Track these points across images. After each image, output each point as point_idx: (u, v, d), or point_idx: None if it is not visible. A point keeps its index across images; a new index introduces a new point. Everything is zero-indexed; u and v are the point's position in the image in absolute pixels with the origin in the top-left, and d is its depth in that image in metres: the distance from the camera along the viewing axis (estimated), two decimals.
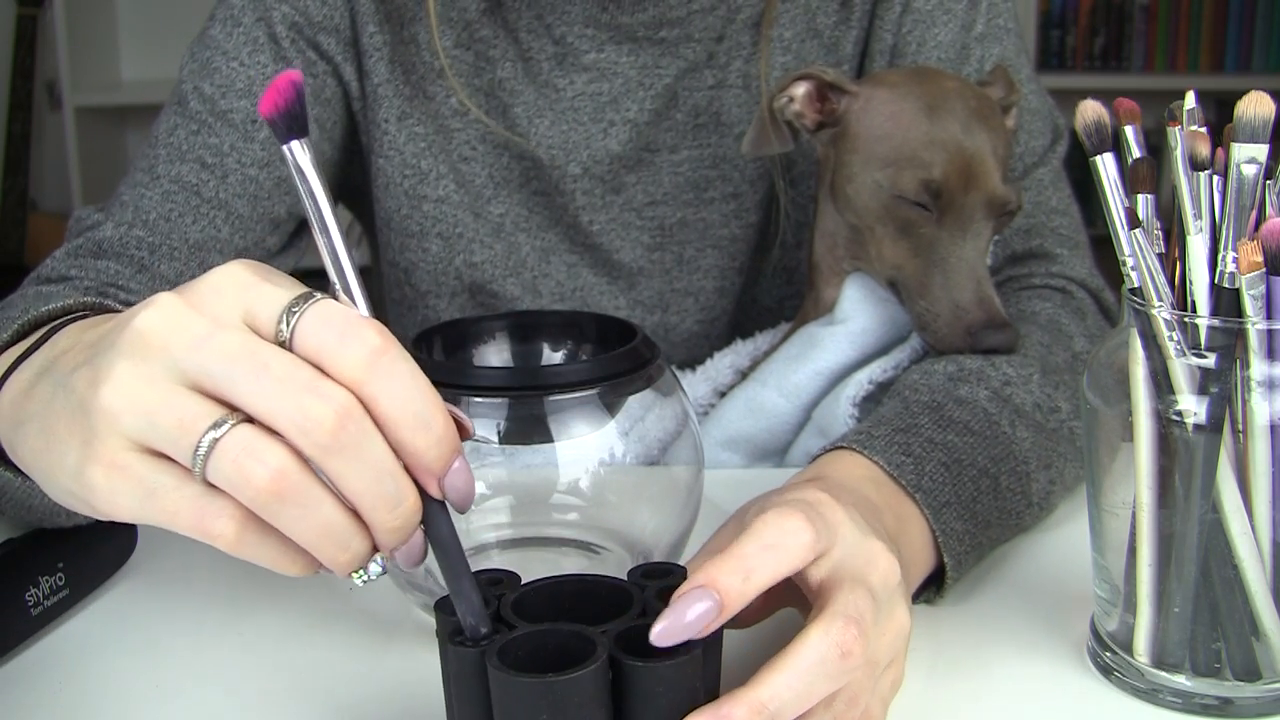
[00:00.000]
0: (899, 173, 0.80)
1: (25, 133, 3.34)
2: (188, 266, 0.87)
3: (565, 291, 0.97)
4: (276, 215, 0.91)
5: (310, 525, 0.46)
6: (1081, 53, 3.53)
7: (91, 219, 0.88)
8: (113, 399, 0.46)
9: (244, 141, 0.89)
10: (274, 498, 0.45)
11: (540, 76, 0.92)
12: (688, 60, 0.93)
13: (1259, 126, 0.55)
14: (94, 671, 0.63)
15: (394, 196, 0.94)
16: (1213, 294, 0.56)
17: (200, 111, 0.89)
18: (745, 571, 0.48)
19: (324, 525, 0.46)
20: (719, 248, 0.97)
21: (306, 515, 0.46)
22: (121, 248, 0.85)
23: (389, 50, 0.92)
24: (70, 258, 0.85)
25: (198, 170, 0.88)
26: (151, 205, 0.87)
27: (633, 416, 0.73)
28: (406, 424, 0.46)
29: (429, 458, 0.46)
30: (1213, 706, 0.58)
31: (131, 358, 0.46)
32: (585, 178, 0.94)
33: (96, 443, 0.47)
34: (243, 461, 0.45)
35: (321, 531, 0.46)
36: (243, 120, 0.89)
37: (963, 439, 0.70)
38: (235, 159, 0.88)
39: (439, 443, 0.46)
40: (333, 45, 0.91)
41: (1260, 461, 0.55)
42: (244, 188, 0.89)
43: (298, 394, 0.45)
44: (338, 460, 0.45)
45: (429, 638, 0.65)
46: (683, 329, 0.99)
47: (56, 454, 0.49)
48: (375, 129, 0.93)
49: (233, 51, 0.89)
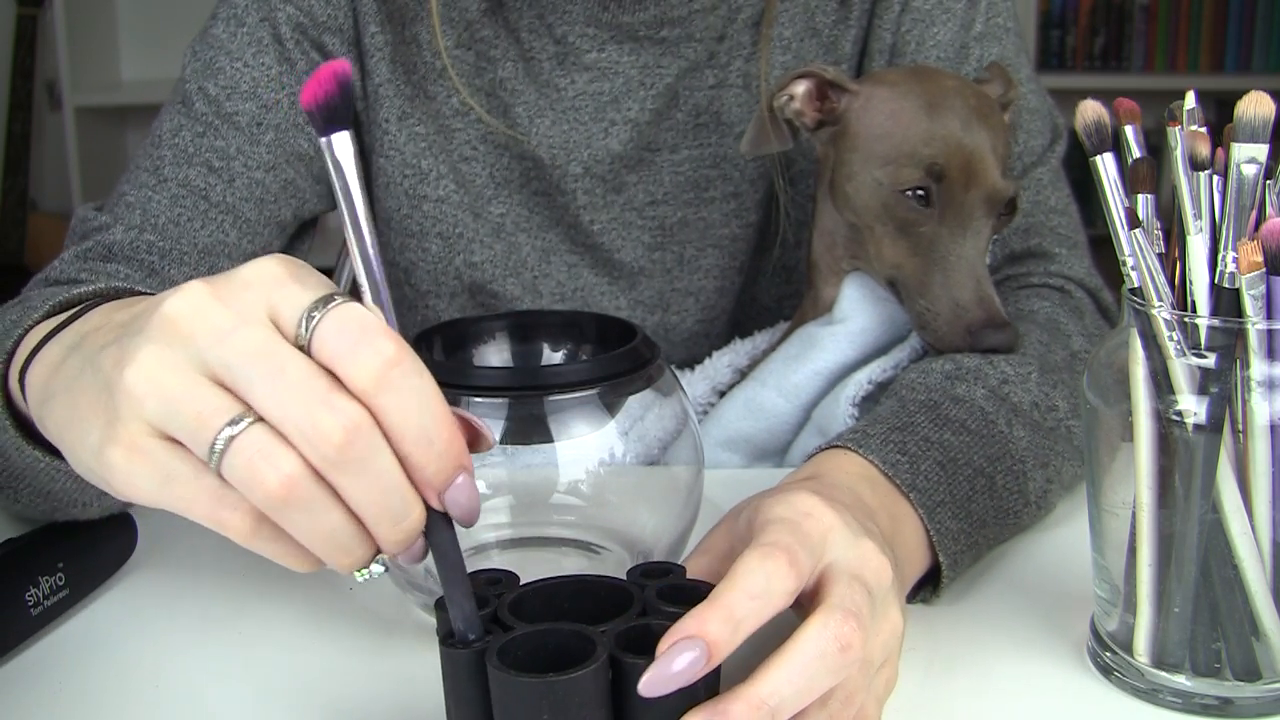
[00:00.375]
0: (899, 170, 0.80)
1: (25, 133, 3.34)
2: (196, 271, 0.87)
3: (565, 291, 0.97)
4: (282, 219, 0.91)
5: (315, 531, 0.46)
6: (1081, 53, 3.53)
7: (98, 220, 0.87)
8: (136, 381, 0.46)
9: (250, 145, 0.89)
10: (282, 502, 0.45)
11: (541, 76, 0.92)
12: (688, 60, 0.93)
13: (1259, 126, 0.55)
14: (94, 671, 0.63)
15: (394, 196, 0.94)
16: (1213, 294, 0.56)
17: (206, 113, 0.89)
18: (734, 622, 0.48)
19: (328, 532, 0.46)
20: (719, 247, 0.97)
21: (312, 521, 0.46)
22: (133, 252, 0.85)
23: (390, 50, 0.92)
24: (80, 260, 0.85)
25: (205, 174, 0.88)
26: (160, 209, 0.87)
27: (633, 416, 0.73)
28: (410, 438, 0.46)
29: (429, 472, 0.47)
30: (1213, 706, 0.58)
31: (157, 342, 0.47)
32: (586, 177, 0.94)
33: (119, 424, 0.47)
34: (255, 463, 0.45)
35: (326, 537, 0.46)
36: (248, 123, 0.89)
37: (959, 438, 0.70)
38: (241, 163, 0.88)
39: (439, 458, 0.47)
40: (337, 45, 0.91)
41: (1260, 461, 0.55)
42: (250, 191, 0.89)
43: (310, 404, 0.45)
44: (343, 474, 0.45)
45: (429, 638, 0.65)
46: (683, 329, 0.99)
47: (80, 430, 0.49)
48: (376, 129, 0.93)
49: (236, 52, 0.89)
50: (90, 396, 0.49)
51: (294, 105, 0.89)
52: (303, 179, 0.91)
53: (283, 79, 0.89)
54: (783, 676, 0.48)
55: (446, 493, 0.47)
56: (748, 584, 0.49)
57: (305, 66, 0.90)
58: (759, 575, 0.49)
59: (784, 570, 0.50)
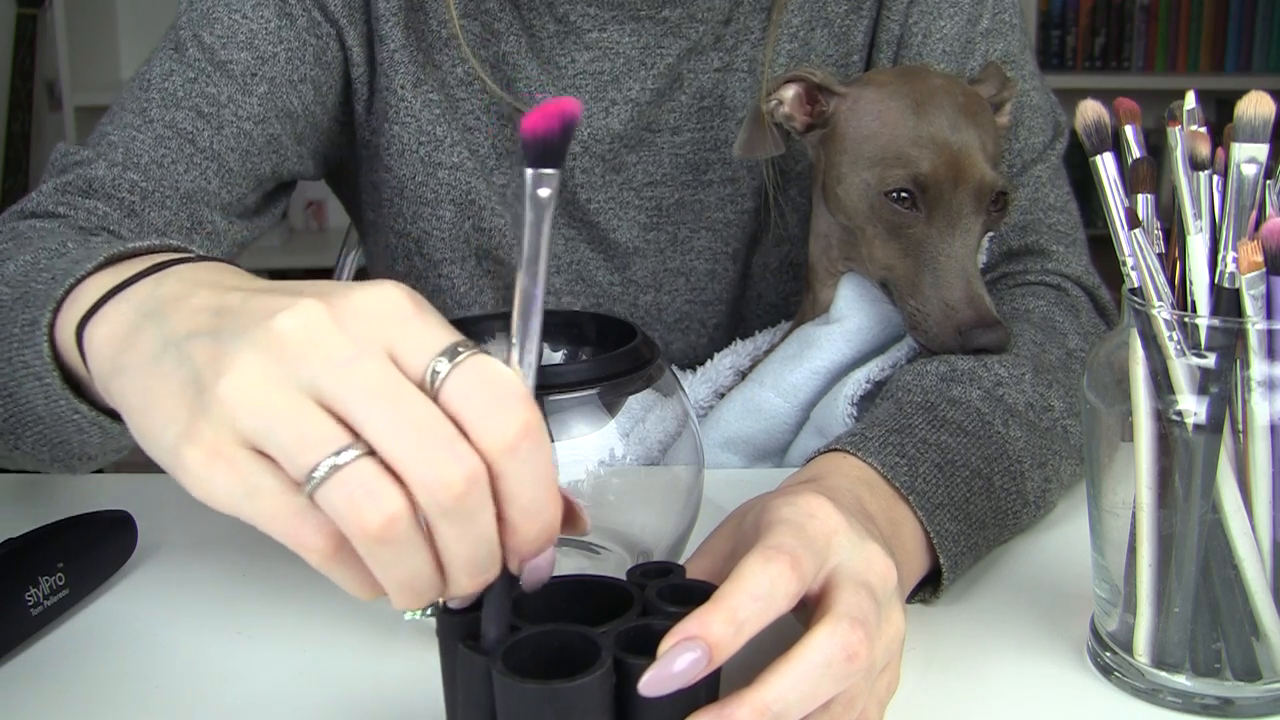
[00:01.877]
0: (886, 171, 0.80)
1: (25, 133, 3.34)
2: (176, 217, 0.85)
3: (562, 265, 0.97)
4: (262, 173, 0.90)
5: (398, 569, 0.45)
6: (1081, 53, 3.53)
7: (80, 155, 0.86)
8: (235, 392, 0.45)
9: (241, 94, 0.88)
10: (377, 540, 0.44)
11: (544, 53, 0.92)
12: (691, 41, 0.93)
13: (1259, 126, 0.55)
14: (94, 671, 0.63)
15: (409, 164, 0.94)
16: (1213, 294, 0.56)
17: (199, 59, 0.87)
18: (737, 624, 0.47)
19: (411, 575, 0.45)
20: (712, 230, 0.97)
21: (398, 560, 0.45)
22: (113, 189, 0.84)
23: (404, 16, 0.91)
24: (58, 194, 0.83)
25: (194, 118, 0.87)
26: (144, 149, 0.85)
27: (633, 417, 0.73)
28: (519, 505, 0.45)
29: (522, 540, 0.46)
30: (1213, 706, 0.58)
31: (265, 356, 0.45)
32: (585, 155, 0.94)
33: (204, 425, 0.45)
34: (359, 499, 0.44)
35: (407, 579, 0.46)
36: (242, 73, 0.88)
37: (956, 439, 0.70)
38: (232, 111, 0.87)
39: (540, 534, 0.46)
40: (339, 7, 0.90)
41: (1260, 461, 0.55)
42: (237, 141, 0.88)
43: (435, 449, 0.44)
44: (450, 524, 0.44)
45: (429, 638, 0.65)
46: (674, 308, 0.99)
47: (156, 420, 0.48)
48: (390, 95, 0.92)
49: (235, 3, 0.88)
50: (173, 386, 0.47)
51: (290, 60, 0.88)
52: (287, 136, 0.90)
53: (281, 33, 0.88)
54: (788, 683, 0.48)
55: (530, 561, 0.47)
56: (751, 586, 0.49)
57: (305, 23, 0.89)
58: (762, 578, 0.49)
59: (787, 573, 0.50)
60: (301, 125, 0.91)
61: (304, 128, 0.91)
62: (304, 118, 0.90)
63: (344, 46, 0.91)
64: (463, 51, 0.91)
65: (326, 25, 0.90)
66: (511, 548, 0.46)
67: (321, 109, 0.92)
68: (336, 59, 0.92)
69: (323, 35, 0.90)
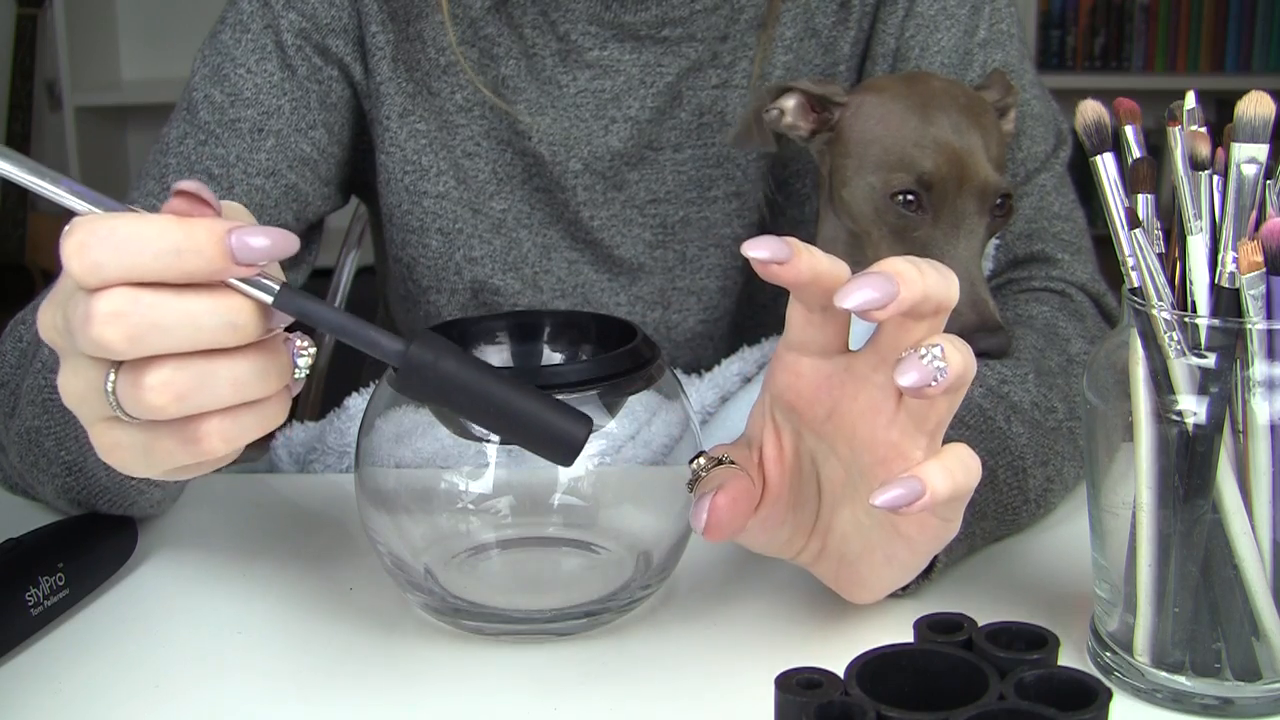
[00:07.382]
0: (891, 174, 0.80)
1: (25, 133, 3.34)
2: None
3: (566, 288, 0.97)
4: (284, 222, 0.91)
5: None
6: (1081, 53, 3.53)
7: None
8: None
9: (250, 151, 0.89)
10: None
11: (544, 73, 0.93)
12: (690, 59, 0.93)
13: (1259, 126, 0.55)
14: (94, 671, 0.63)
15: (395, 192, 0.95)
16: (1213, 294, 0.56)
17: (209, 121, 0.89)
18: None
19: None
20: (721, 246, 0.97)
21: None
22: None
23: (391, 49, 0.92)
24: None
25: (205, 182, 0.88)
26: None
27: (639, 420, 0.73)
28: (148, 270, 0.47)
29: (193, 269, 0.47)
30: (1213, 706, 0.58)
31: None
32: (586, 174, 0.94)
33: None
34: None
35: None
36: (250, 129, 0.89)
37: (958, 433, 0.70)
38: (241, 169, 0.88)
39: (185, 258, 0.47)
40: (341, 46, 0.91)
41: (1260, 461, 0.55)
42: (250, 198, 0.89)
43: (80, 330, 0.47)
44: (149, 340, 0.47)
45: (429, 638, 0.65)
46: (685, 327, 0.99)
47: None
48: (377, 125, 0.94)
49: (240, 58, 0.90)
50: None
51: (295, 110, 0.90)
52: (306, 182, 0.91)
53: (284, 85, 0.90)
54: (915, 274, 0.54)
55: (233, 253, 0.47)
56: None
57: (306, 72, 0.90)
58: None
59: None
60: (323, 167, 0.92)
61: (326, 168, 0.92)
62: (323, 160, 0.92)
63: (351, 82, 0.93)
64: (464, 77, 0.92)
65: (329, 69, 0.91)
66: (208, 278, 0.47)
67: (340, 147, 0.94)
68: (343, 97, 0.93)
69: (324, 80, 0.91)
